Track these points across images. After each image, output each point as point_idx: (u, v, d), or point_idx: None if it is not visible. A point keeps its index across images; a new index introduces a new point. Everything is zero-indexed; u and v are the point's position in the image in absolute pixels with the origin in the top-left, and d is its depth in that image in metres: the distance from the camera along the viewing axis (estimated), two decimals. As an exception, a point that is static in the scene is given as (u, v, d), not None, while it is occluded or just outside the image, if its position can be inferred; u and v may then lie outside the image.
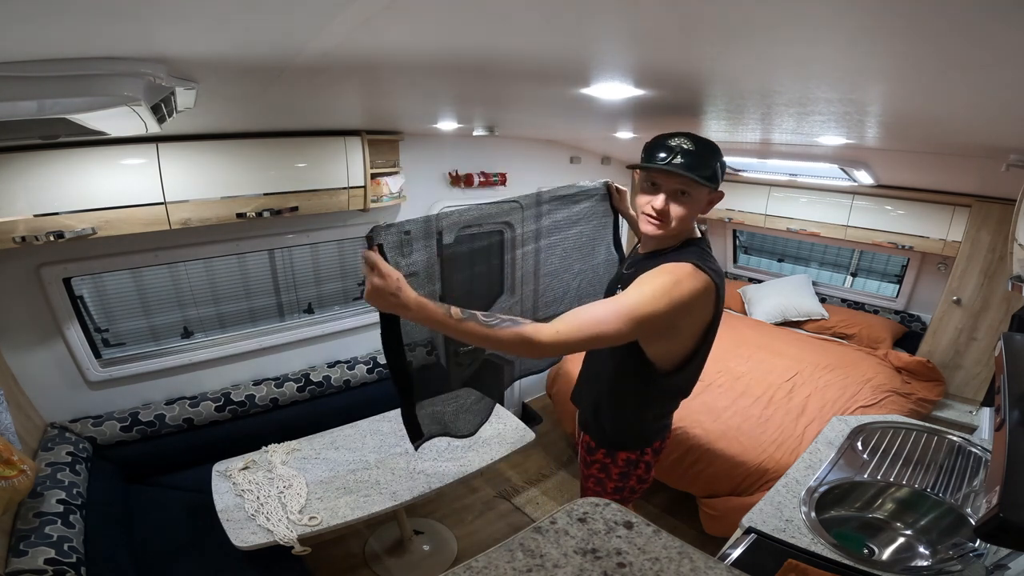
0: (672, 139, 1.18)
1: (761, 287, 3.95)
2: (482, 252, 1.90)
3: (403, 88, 1.28)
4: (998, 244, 2.63)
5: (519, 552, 0.32)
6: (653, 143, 1.21)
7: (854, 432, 1.77)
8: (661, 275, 1.17)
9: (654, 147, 1.20)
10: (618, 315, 1.07)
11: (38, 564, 1.38)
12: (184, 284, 2.38)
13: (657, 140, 1.21)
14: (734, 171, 3.37)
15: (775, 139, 2.04)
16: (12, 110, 0.66)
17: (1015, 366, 0.98)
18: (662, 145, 1.19)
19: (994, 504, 0.73)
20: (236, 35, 0.69)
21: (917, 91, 0.93)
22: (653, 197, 1.21)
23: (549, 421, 3.58)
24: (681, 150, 1.16)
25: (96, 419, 2.14)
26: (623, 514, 0.35)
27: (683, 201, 1.20)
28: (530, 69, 0.97)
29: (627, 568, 0.30)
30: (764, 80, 0.97)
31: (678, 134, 1.19)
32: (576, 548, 0.32)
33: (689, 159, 1.16)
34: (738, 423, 2.54)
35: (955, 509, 1.39)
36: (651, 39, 0.74)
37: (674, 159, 1.16)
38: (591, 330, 1.07)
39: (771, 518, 1.35)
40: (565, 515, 0.35)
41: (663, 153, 1.17)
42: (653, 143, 1.21)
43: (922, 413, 2.74)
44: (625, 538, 0.32)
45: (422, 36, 0.76)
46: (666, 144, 1.18)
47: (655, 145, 1.20)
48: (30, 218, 1.66)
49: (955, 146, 1.74)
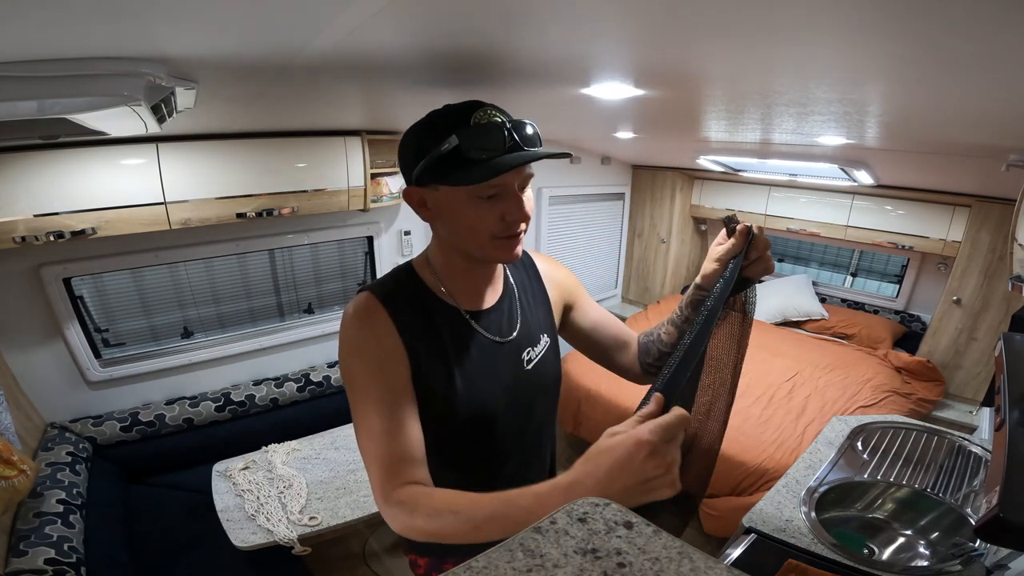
0: (481, 112, 0.76)
1: (761, 287, 3.95)
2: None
3: (403, 88, 1.28)
4: (998, 244, 2.63)
5: (519, 552, 0.31)
6: (475, 132, 0.74)
7: (854, 432, 1.76)
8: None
9: (479, 135, 0.74)
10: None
11: (38, 564, 1.38)
12: (184, 284, 2.38)
13: (480, 126, 0.75)
14: (734, 171, 3.37)
15: (775, 139, 2.04)
16: (12, 110, 0.66)
17: (1015, 366, 0.98)
18: (493, 128, 0.75)
19: (994, 504, 0.73)
20: (236, 35, 0.69)
21: (917, 91, 0.93)
22: (503, 203, 0.77)
23: (549, 421, 3.58)
24: (514, 123, 0.77)
25: (96, 419, 2.14)
26: (623, 514, 0.35)
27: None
28: (531, 67, 0.97)
29: (627, 568, 0.30)
30: (764, 80, 0.97)
31: (478, 104, 0.77)
32: (576, 548, 0.32)
33: (531, 131, 0.78)
34: (738, 423, 2.54)
35: (955, 509, 1.39)
36: (650, 37, 0.74)
37: (524, 135, 0.77)
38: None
39: (771, 518, 1.35)
40: (565, 515, 0.35)
41: (497, 138, 0.75)
42: (475, 132, 0.74)
43: (922, 413, 2.74)
44: (625, 538, 0.32)
45: (422, 35, 0.76)
46: (493, 123, 0.75)
47: (480, 132, 0.74)
48: (30, 218, 1.66)
49: (955, 146, 1.74)
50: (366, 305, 0.81)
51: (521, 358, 0.91)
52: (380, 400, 0.77)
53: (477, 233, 0.79)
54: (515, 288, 0.95)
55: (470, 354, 0.86)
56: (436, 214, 0.82)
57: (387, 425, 0.76)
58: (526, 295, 0.96)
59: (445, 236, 0.84)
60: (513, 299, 0.94)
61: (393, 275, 0.88)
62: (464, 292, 0.88)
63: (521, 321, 0.92)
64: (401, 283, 0.86)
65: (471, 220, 0.78)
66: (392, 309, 0.81)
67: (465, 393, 0.84)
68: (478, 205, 0.77)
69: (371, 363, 0.78)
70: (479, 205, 0.77)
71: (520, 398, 0.90)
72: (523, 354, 0.91)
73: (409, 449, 0.75)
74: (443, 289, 0.87)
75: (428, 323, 0.84)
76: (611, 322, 1.06)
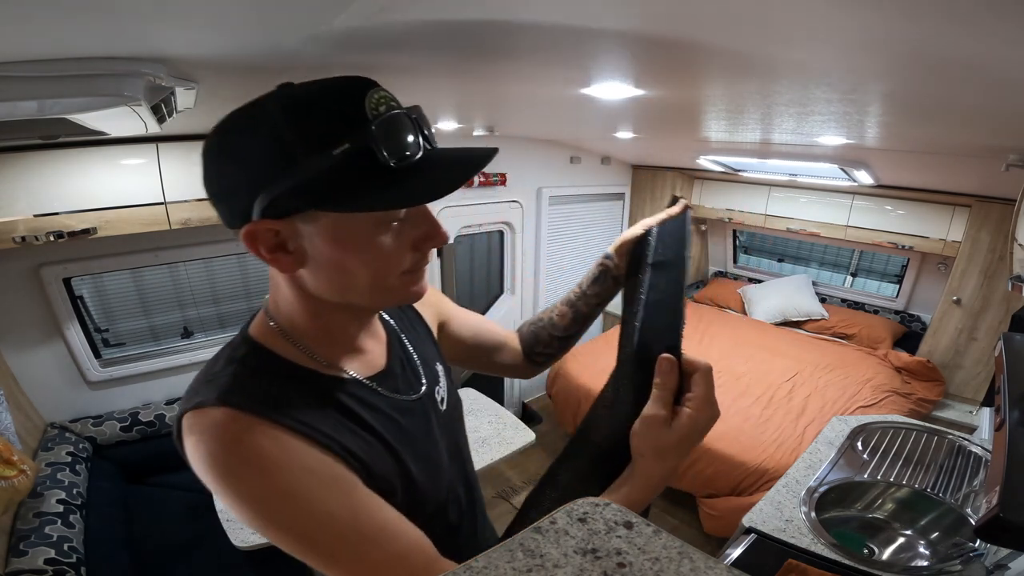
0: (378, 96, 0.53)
1: (761, 287, 3.95)
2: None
3: (403, 88, 1.28)
4: (998, 244, 2.63)
5: (519, 552, 0.32)
6: (386, 128, 0.51)
7: (854, 432, 1.76)
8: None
9: (393, 130, 0.52)
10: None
11: (38, 564, 1.38)
12: (184, 284, 2.38)
13: (385, 118, 0.52)
14: (734, 171, 3.37)
15: (775, 139, 2.04)
16: (12, 110, 0.66)
17: (1015, 366, 0.98)
18: (401, 120, 0.53)
19: (994, 504, 0.73)
20: (236, 35, 0.69)
21: (917, 90, 0.93)
22: (413, 227, 0.58)
23: (549, 421, 3.58)
24: (421, 117, 0.56)
25: (96, 419, 2.14)
26: (623, 514, 0.35)
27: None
28: (531, 66, 0.97)
29: (627, 568, 0.30)
30: (764, 79, 0.97)
31: (368, 83, 0.54)
32: (576, 548, 0.32)
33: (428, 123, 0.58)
34: (738, 423, 2.54)
35: (955, 509, 1.39)
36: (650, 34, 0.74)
37: (428, 127, 0.57)
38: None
39: (771, 518, 1.35)
40: (565, 515, 0.35)
41: (412, 136, 0.53)
42: (386, 128, 0.51)
43: (922, 413, 2.74)
44: (625, 538, 0.32)
45: (423, 35, 0.76)
46: (396, 114, 0.53)
47: (393, 127, 0.52)
48: (30, 218, 1.66)
49: (955, 146, 1.74)
50: (235, 431, 0.51)
51: (436, 402, 0.74)
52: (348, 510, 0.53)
53: (383, 273, 0.57)
54: (395, 327, 0.76)
55: (402, 428, 0.65)
56: (306, 258, 0.55)
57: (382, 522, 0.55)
58: (408, 330, 0.79)
59: (322, 287, 0.58)
60: (400, 342, 0.75)
61: (239, 367, 0.57)
62: (350, 355, 0.65)
63: (420, 362, 0.75)
64: (258, 372, 0.57)
65: (378, 256, 0.55)
66: (280, 416, 0.53)
67: (423, 476, 0.65)
68: (387, 234, 0.55)
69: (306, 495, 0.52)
70: (388, 234, 0.55)
71: (450, 445, 0.74)
72: (436, 396, 0.75)
73: (419, 538, 0.57)
74: (320, 360, 0.61)
75: (336, 413, 0.59)
76: (488, 324, 0.95)
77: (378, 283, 0.58)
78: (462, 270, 3.37)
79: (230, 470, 0.50)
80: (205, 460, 0.51)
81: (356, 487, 0.55)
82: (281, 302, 0.61)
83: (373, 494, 0.56)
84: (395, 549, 0.54)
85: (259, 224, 0.52)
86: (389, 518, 0.56)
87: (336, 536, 0.52)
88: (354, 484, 0.55)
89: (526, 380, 3.73)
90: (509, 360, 0.94)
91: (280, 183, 0.49)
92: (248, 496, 0.51)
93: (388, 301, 0.64)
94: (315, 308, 0.60)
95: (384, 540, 0.54)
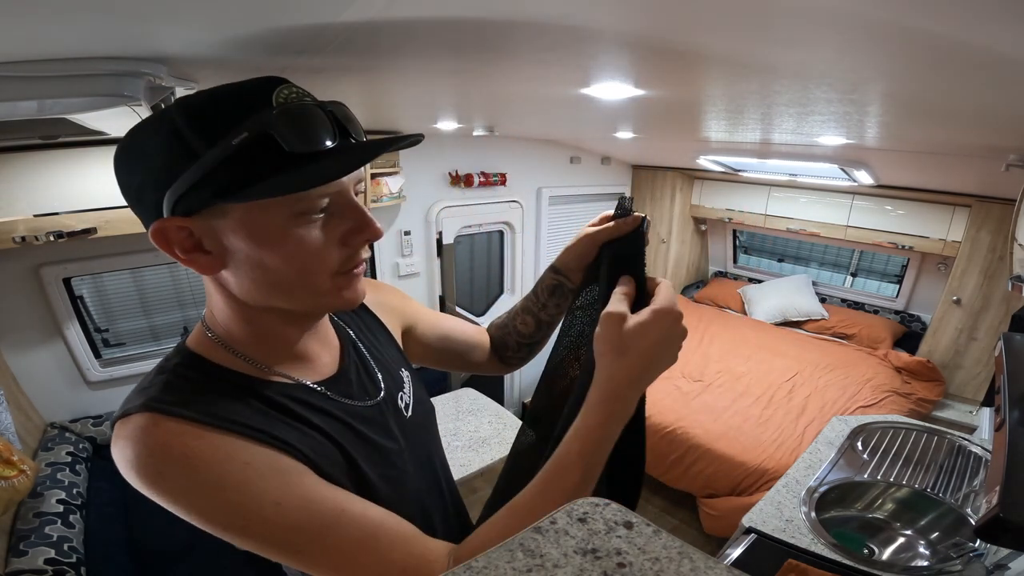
0: (287, 91, 0.53)
1: (761, 287, 3.95)
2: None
3: (403, 88, 1.28)
4: (998, 244, 2.63)
5: (519, 552, 0.31)
6: (290, 114, 0.50)
7: (854, 432, 1.76)
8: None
9: (298, 116, 0.50)
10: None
11: (38, 564, 1.38)
12: (184, 284, 2.38)
13: (293, 107, 0.51)
14: (734, 171, 3.37)
15: (775, 139, 2.04)
16: (12, 110, 0.66)
17: (1015, 366, 0.98)
18: (310, 110, 0.52)
19: (994, 504, 0.73)
20: (236, 35, 0.69)
21: (917, 90, 0.93)
22: (341, 220, 0.55)
23: (549, 421, 3.57)
24: (332, 105, 0.54)
25: (96, 419, 2.14)
26: (623, 514, 0.35)
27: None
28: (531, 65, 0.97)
29: (627, 568, 0.30)
30: (764, 79, 0.97)
31: (278, 80, 0.54)
32: (576, 548, 0.32)
33: (351, 114, 0.56)
34: (738, 423, 2.54)
35: (955, 509, 1.39)
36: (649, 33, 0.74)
37: (349, 119, 0.55)
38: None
39: (771, 518, 1.35)
40: (565, 515, 0.35)
41: (325, 128, 0.51)
42: (290, 114, 0.50)
43: (922, 413, 2.75)
44: (625, 538, 0.32)
45: (424, 35, 0.76)
46: (307, 106, 0.52)
47: (299, 114, 0.51)
48: (30, 218, 1.66)
49: (955, 146, 1.74)
50: (157, 434, 0.49)
51: (399, 409, 0.71)
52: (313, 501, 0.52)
53: (308, 271, 0.54)
54: (350, 333, 0.73)
55: (358, 433, 0.62)
56: (224, 255, 0.53)
57: (359, 513, 0.53)
58: (366, 335, 0.75)
59: (246, 288, 0.55)
60: (356, 347, 0.72)
61: (170, 375, 0.54)
62: (295, 362, 0.62)
63: (379, 368, 0.72)
64: (190, 379, 0.55)
65: (299, 251, 0.52)
66: (209, 417, 0.51)
67: (383, 483, 0.61)
68: (307, 227, 0.52)
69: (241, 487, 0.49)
70: (308, 227, 0.52)
71: (418, 454, 0.71)
72: (399, 403, 0.72)
73: (387, 516, 0.56)
74: (261, 367, 0.59)
75: (278, 413, 0.56)
76: (459, 325, 0.93)
77: (305, 282, 0.54)
78: (462, 270, 3.37)
79: (155, 470, 0.48)
80: (131, 464, 0.48)
81: (305, 475, 0.53)
82: (216, 311, 0.59)
83: (326, 482, 0.54)
84: (360, 532, 0.52)
85: (167, 221, 0.50)
86: (348, 500, 0.54)
87: (291, 528, 0.50)
88: (302, 473, 0.53)
89: (526, 380, 3.74)
90: (482, 359, 0.93)
91: (184, 179, 0.48)
92: (177, 492, 0.48)
93: (320, 305, 0.59)
94: (247, 313, 0.57)
95: (347, 524, 0.52)
